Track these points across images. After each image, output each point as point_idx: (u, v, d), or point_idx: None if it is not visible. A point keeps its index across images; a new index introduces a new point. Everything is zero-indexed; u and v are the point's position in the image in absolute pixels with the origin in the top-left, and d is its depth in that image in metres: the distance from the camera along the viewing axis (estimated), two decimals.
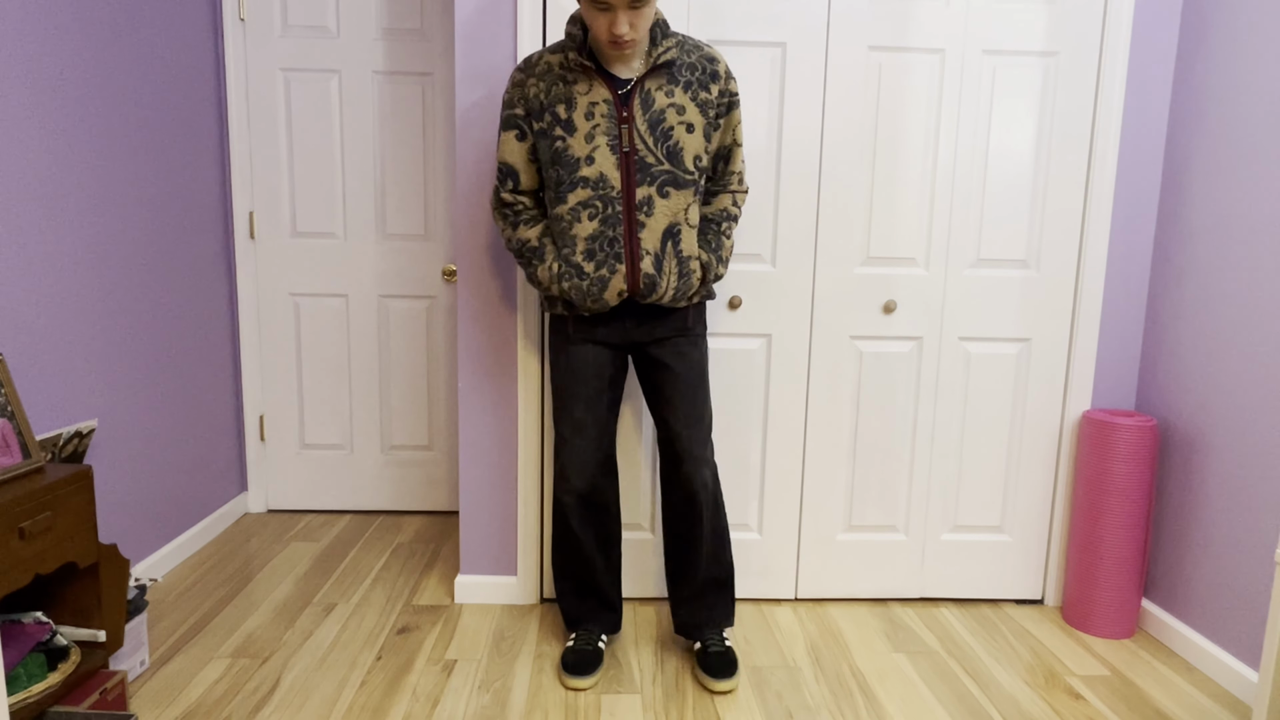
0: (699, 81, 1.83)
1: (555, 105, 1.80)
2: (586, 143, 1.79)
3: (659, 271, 1.85)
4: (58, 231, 2.04)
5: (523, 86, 1.84)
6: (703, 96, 1.83)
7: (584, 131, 1.79)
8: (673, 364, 1.95)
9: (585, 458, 1.98)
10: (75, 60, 2.08)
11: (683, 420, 1.96)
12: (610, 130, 1.78)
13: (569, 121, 1.79)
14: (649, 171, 1.80)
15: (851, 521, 2.42)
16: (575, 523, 2.02)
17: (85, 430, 2.01)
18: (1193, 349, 2.19)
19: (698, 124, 1.83)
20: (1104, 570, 2.24)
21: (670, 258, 1.85)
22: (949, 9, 2.20)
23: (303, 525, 2.98)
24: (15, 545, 1.50)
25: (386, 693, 1.92)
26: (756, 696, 1.95)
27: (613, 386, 1.99)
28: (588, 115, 1.78)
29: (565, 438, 1.99)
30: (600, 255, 1.83)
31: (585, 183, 1.80)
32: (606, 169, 1.79)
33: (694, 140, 1.83)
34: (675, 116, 1.81)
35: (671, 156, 1.81)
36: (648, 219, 1.82)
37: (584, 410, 1.96)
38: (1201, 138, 2.17)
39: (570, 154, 1.80)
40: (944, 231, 2.30)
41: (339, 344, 3.02)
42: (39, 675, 1.57)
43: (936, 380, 2.36)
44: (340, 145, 2.92)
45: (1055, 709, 1.92)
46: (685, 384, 1.95)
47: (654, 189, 1.81)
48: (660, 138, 1.80)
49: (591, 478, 2.00)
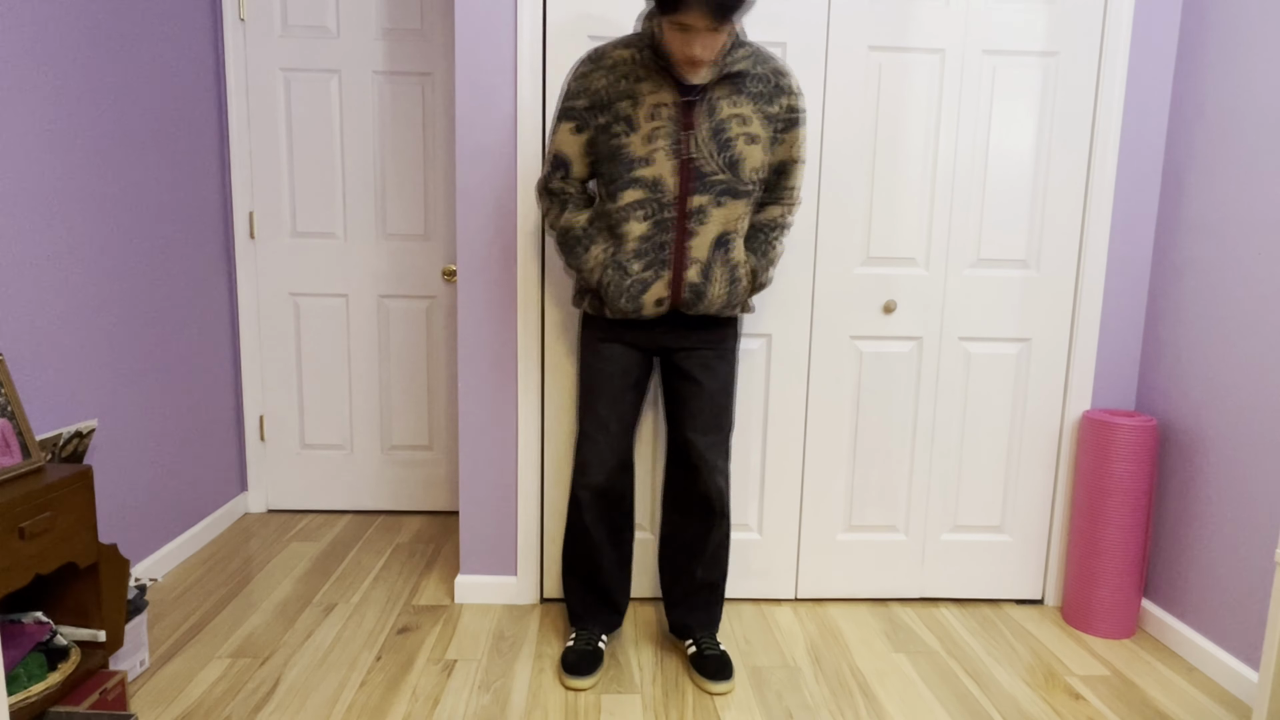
0: (766, 95, 1.81)
1: (619, 101, 1.77)
2: (646, 143, 1.76)
3: (706, 279, 1.84)
4: (57, 231, 2.04)
5: (588, 79, 1.80)
6: (768, 110, 1.81)
7: (645, 132, 1.76)
8: (699, 376, 1.95)
9: (605, 455, 1.99)
10: (75, 60, 2.08)
11: (701, 429, 1.97)
12: (672, 134, 1.76)
13: (631, 119, 1.77)
14: (705, 180, 1.78)
15: (851, 521, 2.42)
16: (589, 517, 2.03)
17: (85, 430, 2.01)
18: (1193, 349, 2.19)
19: (761, 136, 1.81)
20: (1104, 570, 2.24)
21: (720, 265, 1.84)
22: (949, 9, 2.20)
23: (303, 525, 2.98)
24: (15, 545, 1.50)
25: (386, 693, 1.92)
26: (756, 696, 1.95)
27: (638, 388, 2.00)
28: (651, 116, 1.76)
29: (588, 433, 1.99)
30: (649, 257, 1.81)
31: (640, 183, 1.78)
32: (664, 173, 1.77)
33: (754, 152, 1.81)
34: (738, 127, 1.78)
35: (731, 166, 1.79)
36: (699, 227, 1.80)
37: (608, 408, 1.97)
38: (1201, 138, 2.17)
39: (628, 152, 1.77)
40: (944, 231, 2.30)
41: (339, 344, 3.02)
42: (39, 675, 1.57)
43: (936, 380, 2.36)
44: (340, 145, 2.92)
45: (1055, 709, 1.92)
46: (708, 396, 1.96)
47: (710, 197, 1.79)
48: (721, 147, 1.77)
49: (610, 474, 2.00)
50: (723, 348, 1.97)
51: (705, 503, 2.01)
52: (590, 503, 2.02)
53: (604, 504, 2.04)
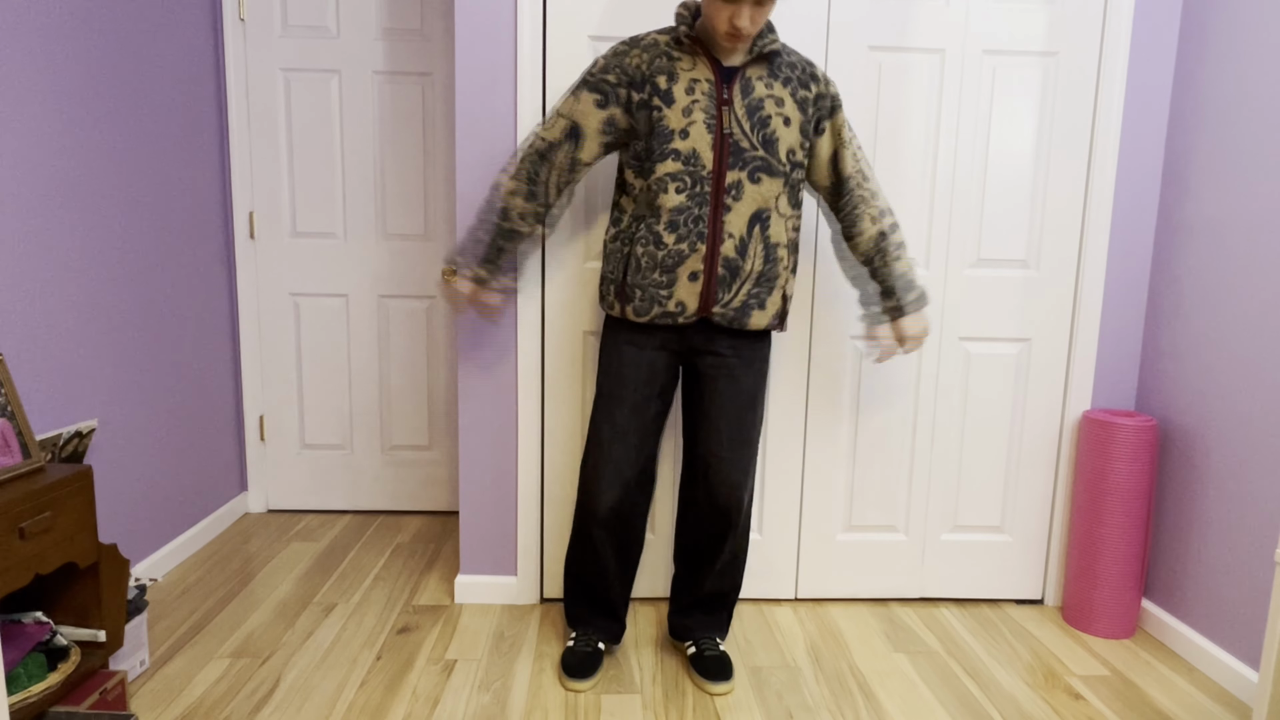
0: (799, 80, 1.83)
1: (656, 76, 1.79)
2: (684, 116, 1.77)
3: (742, 255, 1.80)
4: (58, 231, 2.04)
5: (624, 56, 1.82)
6: (801, 94, 1.83)
7: (682, 105, 1.77)
8: (721, 384, 1.90)
9: (621, 466, 1.92)
10: (75, 60, 2.08)
11: (725, 444, 1.91)
12: (709, 109, 1.77)
13: (668, 93, 1.78)
14: (742, 156, 1.78)
15: (851, 521, 2.42)
16: (596, 533, 1.96)
17: (85, 430, 2.01)
18: (1192, 349, 2.19)
19: (794, 119, 1.82)
20: (1104, 570, 2.24)
21: (756, 241, 1.81)
22: (949, 9, 2.20)
23: (303, 525, 2.98)
24: (15, 545, 1.50)
25: (386, 693, 1.92)
26: (756, 696, 1.95)
27: (662, 396, 1.93)
28: (688, 90, 1.77)
29: (603, 442, 1.92)
30: (683, 229, 1.79)
31: (676, 155, 1.78)
32: (700, 146, 1.77)
33: (790, 134, 1.81)
34: (774, 107, 1.80)
35: (766, 144, 1.79)
36: (735, 203, 1.79)
37: (629, 416, 1.90)
38: (1201, 138, 2.17)
39: (665, 125, 1.78)
40: (944, 231, 2.30)
41: (339, 344, 3.02)
42: (39, 675, 1.57)
43: (936, 380, 2.36)
44: (340, 145, 2.92)
45: (1055, 709, 1.92)
46: (731, 407, 1.90)
47: (745, 174, 1.79)
48: (757, 125, 1.78)
49: (624, 488, 1.93)
50: (750, 357, 1.90)
51: (723, 516, 1.95)
52: (600, 518, 1.94)
53: (615, 523, 1.96)
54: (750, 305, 1.85)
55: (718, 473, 1.93)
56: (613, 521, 1.96)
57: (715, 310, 1.83)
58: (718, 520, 1.96)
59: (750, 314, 1.85)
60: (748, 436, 1.93)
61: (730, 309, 1.84)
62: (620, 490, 1.93)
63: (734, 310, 1.84)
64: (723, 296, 1.82)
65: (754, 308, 1.85)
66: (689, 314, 1.83)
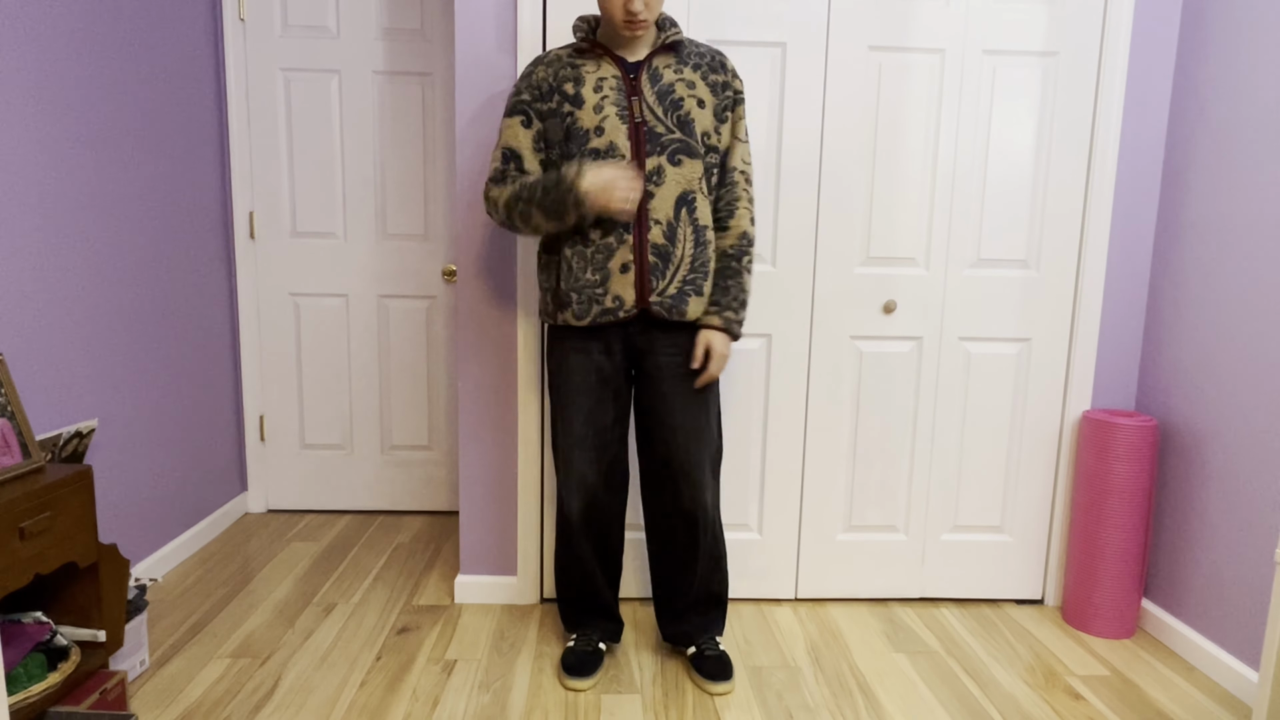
0: (708, 65, 1.86)
1: (564, 84, 1.81)
2: (595, 114, 1.79)
3: (672, 241, 1.80)
4: (58, 232, 2.04)
5: (530, 75, 1.86)
6: (713, 78, 1.85)
7: (592, 104, 1.79)
8: (668, 385, 1.88)
9: (585, 472, 1.93)
10: (75, 60, 2.08)
11: (681, 444, 1.89)
12: (619, 101, 1.79)
13: (577, 96, 1.80)
14: (659, 141, 1.79)
15: (851, 521, 2.42)
16: (575, 537, 1.99)
17: (85, 430, 2.01)
18: (1192, 349, 2.19)
19: (708, 102, 1.84)
20: (1104, 570, 2.24)
21: (685, 224, 1.82)
22: (949, 9, 2.20)
23: (303, 525, 2.98)
24: (15, 545, 1.50)
25: (386, 693, 1.92)
26: (756, 696, 1.95)
27: (617, 399, 1.93)
28: (596, 89, 1.80)
29: (564, 452, 1.93)
30: (608, 222, 1.79)
31: (595, 154, 1.79)
32: (616, 138, 1.78)
33: (705, 116, 1.83)
34: (685, 90, 1.82)
35: (682, 125, 1.81)
36: (657, 188, 1.79)
37: (584, 424, 1.91)
38: (1201, 138, 2.17)
39: (579, 126, 1.80)
40: (944, 231, 2.30)
41: (339, 344, 3.02)
42: (39, 675, 1.57)
43: (936, 380, 2.36)
44: (340, 145, 2.92)
45: (1055, 709, 1.92)
46: (683, 407, 1.88)
47: (664, 158, 1.80)
48: (670, 108, 1.80)
49: (591, 493, 1.95)
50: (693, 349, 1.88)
51: (689, 520, 1.94)
52: (576, 523, 1.97)
53: (592, 527, 1.98)
54: (686, 293, 1.83)
55: (679, 475, 1.91)
56: (586, 527, 1.98)
57: (652, 300, 1.81)
58: (686, 524, 1.95)
59: (687, 301, 1.84)
60: (706, 435, 1.91)
61: (667, 297, 1.82)
62: (587, 496, 1.95)
63: (670, 299, 1.82)
64: (658, 285, 1.81)
65: (690, 294, 1.84)
66: (628, 307, 1.81)
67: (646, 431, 1.95)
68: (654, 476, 1.97)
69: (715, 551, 2.00)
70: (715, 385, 1.94)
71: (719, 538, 2.00)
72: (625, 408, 1.96)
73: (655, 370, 1.89)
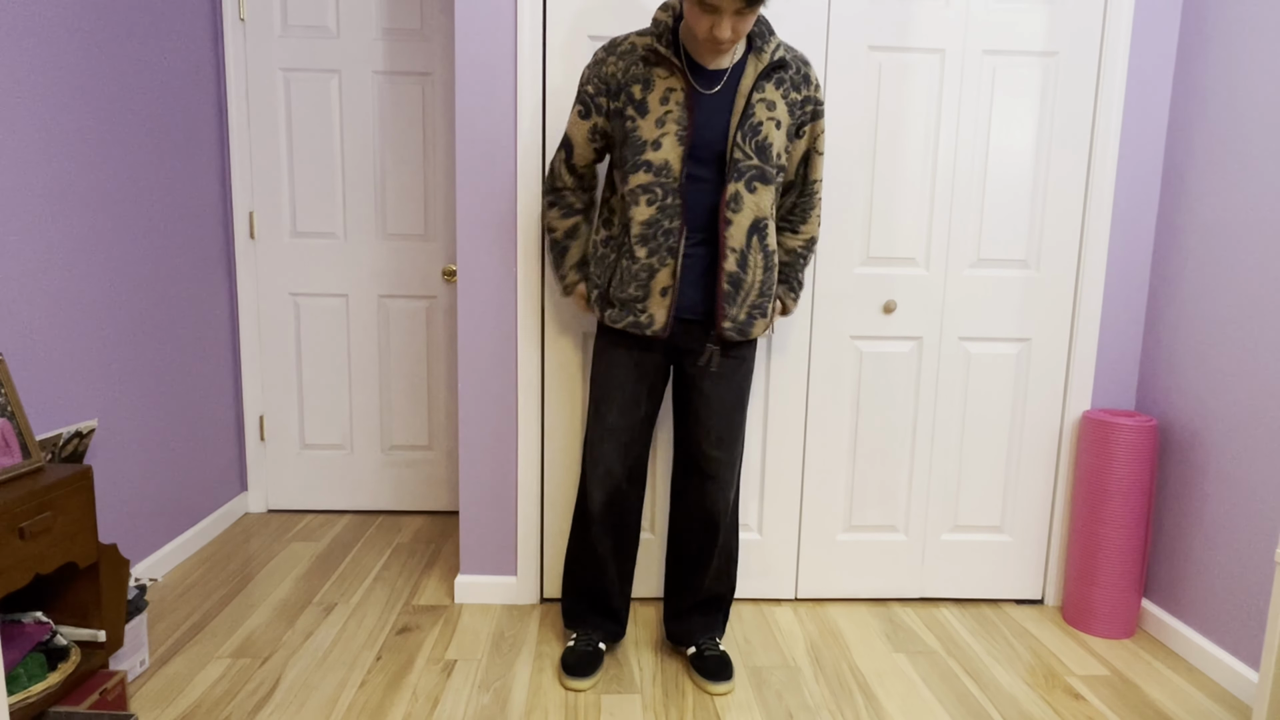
0: (792, 81, 1.81)
1: (632, 85, 1.77)
2: (656, 128, 1.75)
3: (743, 269, 1.80)
4: (58, 231, 2.04)
5: (601, 64, 1.81)
6: (793, 96, 1.81)
7: (655, 116, 1.75)
8: (709, 384, 1.90)
9: (611, 465, 1.95)
10: (75, 60, 2.08)
11: (714, 442, 1.93)
12: (681, 120, 1.74)
13: (642, 103, 1.76)
14: (737, 166, 1.76)
15: (851, 521, 2.42)
16: (594, 530, 2.00)
17: (85, 430, 2.01)
18: (1192, 349, 2.19)
19: (784, 122, 1.80)
20: (1104, 570, 2.24)
21: (756, 251, 1.81)
22: (949, 9, 2.20)
23: (303, 525, 2.98)
24: (15, 545, 1.50)
25: (386, 693, 1.92)
26: (756, 696, 1.95)
27: (651, 396, 1.95)
28: (663, 100, 1.75)
29: (594, 442, 1.96)
30: (653, 243, 1.78)
31: (648, 167, 1.76)
32: (671, 158, 1.75)
33: (779, 138, 1.80)
34: (765, 112, 1.76)
35: (760, 152, 1.77)
36: (735, 215, 1.77)
37: (618, 416, 1.93)
38: (1201, 138, 2.17)
39: (638, 136, 1.77)
40: (944, 231, 2.30)
41: (339, 344, 3.02)
42: (39, 675, 1.57)
43: (936, 380, 2.36)
44: (340, 145, 2.92)
45: (1055, 709, 1.92)
46: (721, 406, 1.91)
47: (742, 184, 1.77)
48: (749, 133, 1.75)
49: (616, 486, 1.97)
50: (740, 355, 1.91)
51: (709, 518, 1.98)
52: (596, 515, 1.99)
53: (611, 519, 2.00)
54: (753, 317, 1.87)
55: (708, 472, 1.95)
56: (607, 519, 1.99)
57: (725, 326, 1.83)
58: (707, 524, 1.98)
59: (754, 324, 1.88)
60: (735, 435, 1.95)
61: (738, 323, 1.85)
62: (611, 488, 1.97)
63: (740, 324, 1.85)
64: (729, 311, 1.83)
65: (756, 318, 1.87)
66: (656, 328, 1.83)
67: (685, 428, 1.98)
68: (684, 474, 2.01)
69: (729, 552, 2.04)
70: (749, 389, 1.97)
71: (736, 540, 2.05)
72: (658, 405, 1.99)
73: (696, 370, 1.91)
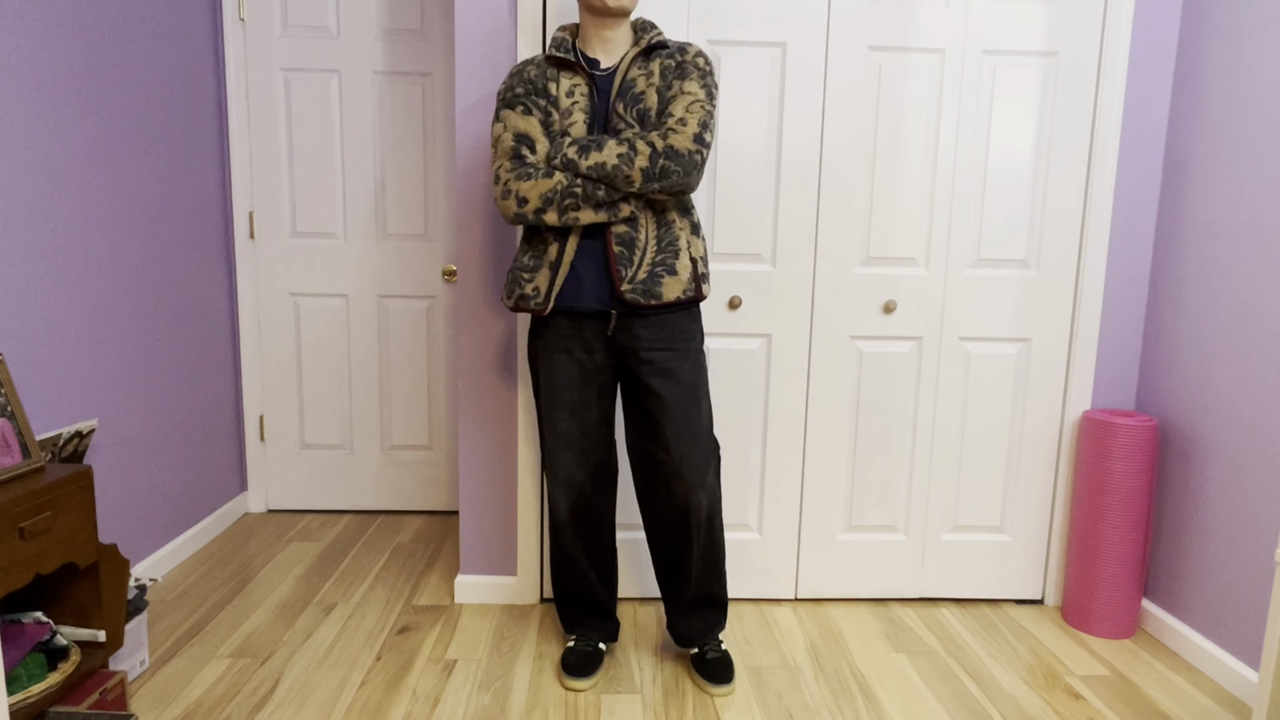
0: (670, 55, 1.86)
1: (547, 84, 1.86)
2: (565, 118, 1.84)
3: (633, 226, 1.80)
4: (58, 232, 2.04)
5: (521, 72, 1.88)
6: (668, 63, 1.85)
7: (565, 107, 1.84)
8: (657, 383, 1.85)
9: (571, 471, 1.93)
10: (75, 60, 2.08)
11: (672, 442, 1.86)
12: (586, 108, 1.84)
13: (556, 98, 1.85)
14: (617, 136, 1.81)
15: (851, 521, 2.42)
16: (565, 537, 1.99)
17: (85, 430, 2.01)
18: (1192, 349, 2.19)
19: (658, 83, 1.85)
20: (1104, 570, 2.24)
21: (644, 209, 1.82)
22: (949, 9, 2.20)
23: (303, 525, 2.98)
24: (15, 545, 1.50)
25: (386, 693, 1.92)
26: (756, 696, 1.95)
27: (603, 397, 1.92)
28: (568, 94, 1.85)
29: (551, 452, 1.94)
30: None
31: None
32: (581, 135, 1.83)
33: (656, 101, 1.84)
34: (645, 83, 1.85)
35: (641, 119, 1.83)
36: None
37: (569, 421, 1.91)
38: (1201, 137, 2.17)
39: (553, 129, 1.85)
40: (944, 231, 2.30)
41: (339, 344, 3.02)
42: (39, 675, 1.57)
43: (936, 380, 2.36)
44: (340, 145, 2.92)
45: (1055, 709, 1.92)
46: (674, 406, 1.86)
47: None
48: (631, 103, 1.83)
49: (579, 492, 1.95)
50: (682, 347, 1.86)
51: (681, 518, 1.92)
52: (564, 523, 1.97)
53: (580, 526, 1.99)
54: (658, 274, 1.81)
55: (670, 474, 1.89)
56: (576, 526, 1.99)
57: (625, 289, 1.79)
58: (679, 523, 1.93)
59: (661, 283, 1.81)
60: (695, 431, 1.88)
61: (638, 284, 1.80)
62: (575, 496, 1.96)
63: (642, 284, 1.80)
64: (627, 273, 1.80)
65: (663, 275, 1.82)
66: (539, 300, 1.83)
67: (637, 431, 1.94)
68: (646, 475, 1.95)
69: (712, 553, 1.98)
70: (704, 383, 1.91)
71: (716, 539, 1.97)
72: (613, 404, 1.96)
73: (641, 368, 1.87)
